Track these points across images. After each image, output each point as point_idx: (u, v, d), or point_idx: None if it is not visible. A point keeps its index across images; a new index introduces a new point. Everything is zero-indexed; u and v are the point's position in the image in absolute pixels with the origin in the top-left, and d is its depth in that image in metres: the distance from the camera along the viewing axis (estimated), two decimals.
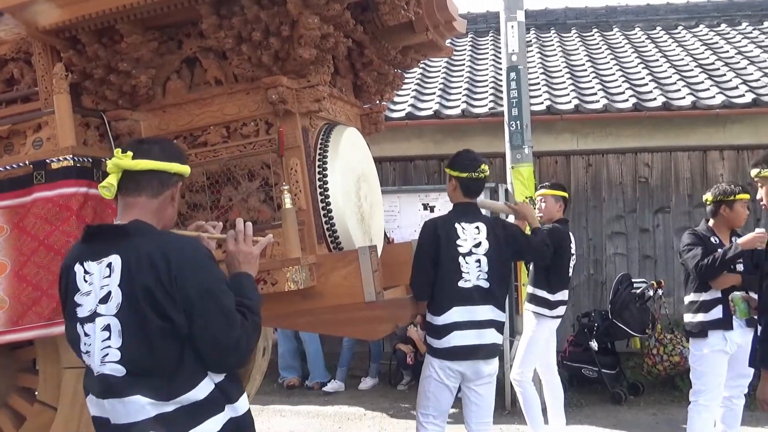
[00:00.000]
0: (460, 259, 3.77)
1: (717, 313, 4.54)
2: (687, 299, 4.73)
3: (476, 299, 3.77)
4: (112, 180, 2.25)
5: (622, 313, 6.78)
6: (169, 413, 2.14)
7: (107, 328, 2.14)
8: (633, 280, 7.10)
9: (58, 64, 3.30)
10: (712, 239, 4.61)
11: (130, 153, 2.26)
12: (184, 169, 2.39)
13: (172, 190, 2.35)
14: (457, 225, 3.83)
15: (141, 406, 2.13)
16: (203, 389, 2.19)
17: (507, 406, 6.67)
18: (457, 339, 3.74)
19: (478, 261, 3.80)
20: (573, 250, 5.42)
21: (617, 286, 7.01)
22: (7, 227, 3.29)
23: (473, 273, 3.78)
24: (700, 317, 4.59)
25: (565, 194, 5.52)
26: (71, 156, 3.22)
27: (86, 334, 2.18)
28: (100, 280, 2.17)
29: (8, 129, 3.46)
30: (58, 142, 3.27)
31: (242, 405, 2.32)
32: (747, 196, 4.62)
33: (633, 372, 7.30)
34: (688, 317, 4.70)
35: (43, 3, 3.12)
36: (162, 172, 2.30)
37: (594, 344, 6.87)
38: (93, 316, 2.16)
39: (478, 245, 3.82)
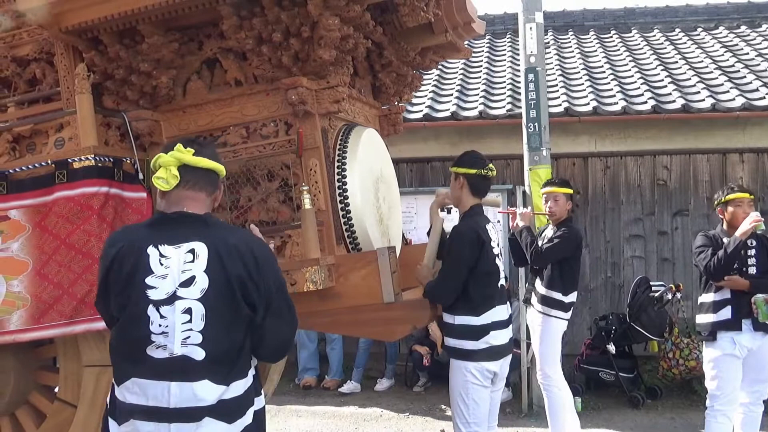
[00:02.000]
0: (496, 260, 3.78)
1: (726, 314, 4.55)
2: (699, 300, 4.76)
3: (503, 298, 3.81)
4: (174, 172, 2.35)
5: (640, 317, 6.74)
6: (226, 401, 2.25)
7: (188, 311, 2.24)
8: (651, 283, 7.05)
9: (80, 65, 3.33)
10: (724, 240, 4.59)
11: (191, 149, 2.38)
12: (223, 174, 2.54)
13: (219, 191, 2.55)
14: (487, 226, 3.79)
15: (207, 392, 2.22)
16: (248, 379, 2.35)
17: (524, 408, 6.64)
18: (494, 338, 3.68)
19: (501, 260, 3.87)
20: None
21: (635, 289, 6.97)
22: (29, 226, 3.32)
23: (500, 272, 3.83)
24: (710, 318, 4.61)
25: (573, 191, 5.47)
26: (93, 156, 3.25)
27: (162, 316, 2.23)
28: (180, 265, 2.26)
29: (30, 129, 3.49)
30: (80, 141, 3.30)
31: (262, 399, 2.45)
32: (741, 195, 4.61)
33: (650, 376, 7.25)
34: (699, 318, 4.73)
35: (66, 4, 3.15)
36: (215, 172, 2.47)
37: (611, 347, 6.82)
38: (172, 299, 2.24)
39: (497, 244, 3.86)
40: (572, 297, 5.23)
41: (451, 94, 8.77)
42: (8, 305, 3.28)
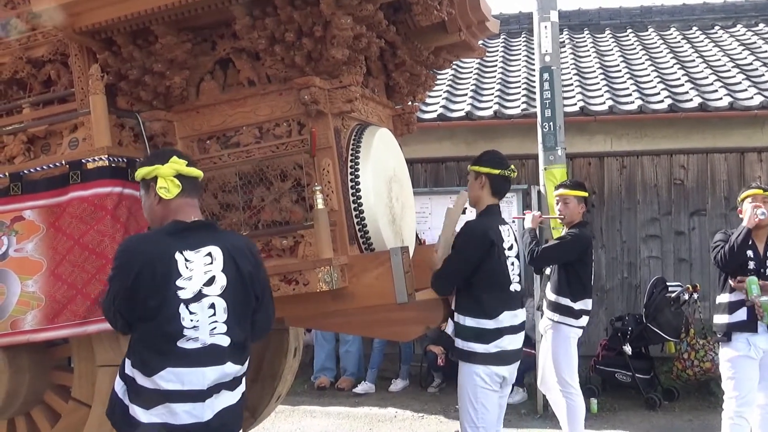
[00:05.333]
0: (507, 262, 3.70)
1: (741, 315, 4.50)
2: (717, 300, 4.71)
3: (516, 303, 3.72)
4: (177, 182, 2.64)
5: (656, 317, 6.67)
6: (238, 377, 2.66)
7: (212, 306, 2.56)
8: (668, 283, 6.99)
9: (94, 66, 3.34)
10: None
11: (184, 161, 2.68)
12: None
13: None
14: (500, 228, 3.72)
15: (230, 372, 2.60)
16: (248, 362, 2.73)
17: (539, 410, 6.60)
18: (505, 343, 3.62)
19: (512, 264, 3.75)
20: (593, 256, 5.22)
21: (652, 290, 6.90)
22: (43, 226, 3.34)
23: (512, 277, 3.73)
24: (725, 319, 4.57)
25: (587, 194, 5.30)
26: (106, 156, 3.26)
27: (192, 312, 2.52)
28: (202, 267, 2.57)
29: (45, 129, 3.51)
30: (94, 142, 3.31)
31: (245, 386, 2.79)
32: (754, 192, 4.54)
33: (667, 377, 7.18)
34: (716, 318, 4.69)
35: (80, 5, 3.17)
36: (199, 179, 2.77)
37: (628, 348, 6.77)
38: (198, 297, 2.54)
39: (511, 248, 3.77)
40: (583, 304, 5.04)
41: (466, 94, 8.74)
42: (23, 305, 3.29)
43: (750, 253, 4.51)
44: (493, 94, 8.68)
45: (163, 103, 3.51)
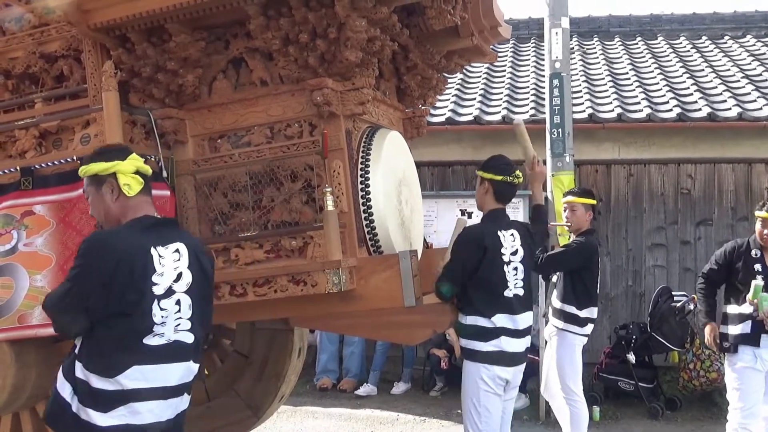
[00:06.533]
0: (504, 268, 3.65)
1: (746, 327, 4.50)
2: (722, 311, 4.73)
3: (516, 308, 3.68)
4: (139, 179, 2.63)
5: (661, 327, 6.67)
6: (196, 376, 2.68)
7: (178, 302, 2.56)
8: (673, 293, 6.98)
9: (108, 62, 3.33)
10: (753, 253, 4.54)
11: (140, 157, 2.69)
12: None
13: None
14: (499, 233, 3.69)
15: (192, 371, 2.63)
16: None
17: (541, 416, 6.59)
18: (503, 343, 3.61)
19: (515, 269, 3.70)
20: (599, 264, 5.21)
21: (657, 299, 6.90)
22: (53, 221, 3.34)
23: (512, 281, 3.67)
24: (731, 330, 4.57)
25: (594, 202, 5.30)
26: None
27: (162, 308, 2.51)
28: (172, 263, 2.57)
29: (57, 125, 3.50)
30: (106, 138, 3.30)
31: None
32: (762, 215, 4.51)
33: (670, 386, 7.18)
34: (721, 329, 4.68)
35: (95, 1, 3.17)
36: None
37: (631, 357, 6.76)
38: (169, 293, 2.54)
39: (515, 253, 3.71)
40: (588, 312, 5.05)
41: (474, 98, 8.75)
42: (31, 300, 3.29)
43: (758, 266, 4.50)
44: (501, 99, 8.68)
45: (175, 101, 3.51)
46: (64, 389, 2.51)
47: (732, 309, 4.58)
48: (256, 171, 3.42)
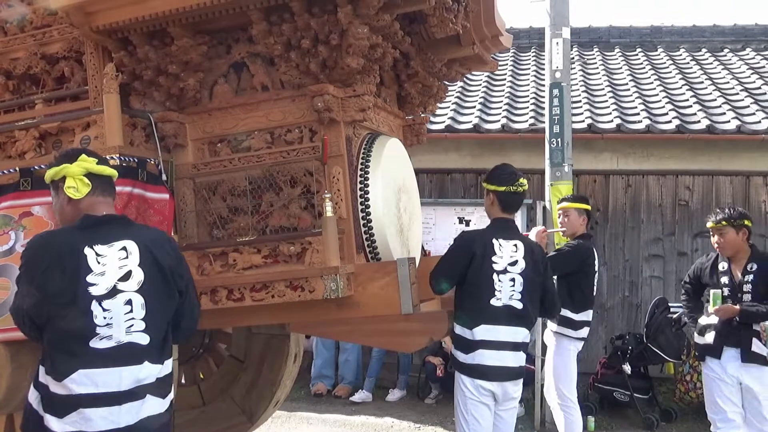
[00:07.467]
0: (494, 276, 3.64)
1: (709, 338, 4.56)
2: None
3: (505, 319, 3.65)
4: (86, 181, 2.59)
5: (657, 338, 6.67)
6: (161, 378, 2.55)
7: (129, 302, 2.48)
8: (670, 304, 6.98)
9: (109, 65, 3.33)
10: (720, 265, 4.62)
11: (94, 159, 2.64)
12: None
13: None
14: (494, 241, 3.70)
15: (149, 372, 2.50)
16: (170, 362, 2.64)
17: (536, 425, 6.59)
18: (483, 357, 3.62)
19: (513, 280, 3.67)
20: (596, 267, 5.26)
21: (653, 310, 6.90)
22: (52, 223, 3.33)
23: (506, 292, 3.65)
24: (699, 340, 4.67)
25: (588, 207, 5.40)
26: (118, 155, 3.25)
27: (105, 309, 2.43)
28: (116, 261, 2.49)
29: (57, 126, 3.49)
30: (106, 141, 3.29)
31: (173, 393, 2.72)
32: (712, 225, 4.60)
33: (666, 398, 7.18)
34: (695, 338, 4.80)
35: (98, 4, 3.18)
36: (112, 178, 2.73)
37: (627, 368, 6.76)
38: (113, 293, 2.46)
39: (514, 263, 3.70)
40: (584, 315, 5.12)
41: (474, 107, 8.76)
42: None
43: (725, 279, 4.52)
44: (501, 107, 8.70)
45: (176, 105, 3.51)
46: (32, 395, 2.51)
47: (702, 320, 4.64)
48: (256, 176, 3.42)
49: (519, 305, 3.67)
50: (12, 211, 3.40)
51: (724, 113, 8.05)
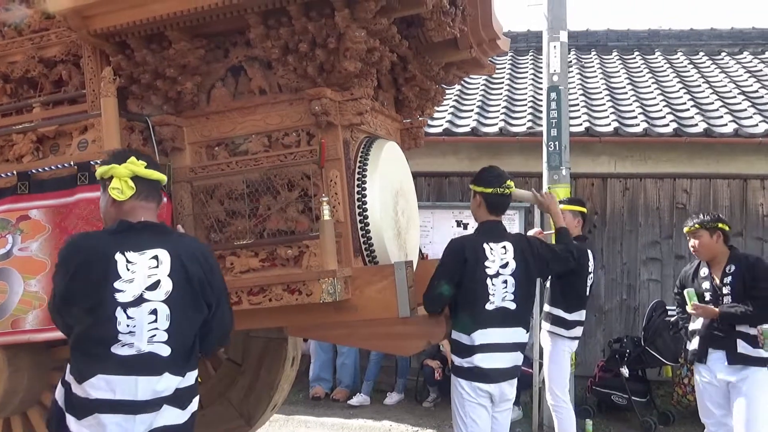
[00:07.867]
0: (488, 281, 3.61)
1: (695, 343, 4.56)
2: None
3: (500, 321, 3.64)
4: (130, 183, 2.56)
5: (655, 341, 6.67)
6: (181, 390, 2.52)
7: (154, 312, 2.45)
8: (667, 307, 6.97)
9: (107, 68, 3.34)
10: (701, 271, 4.61)
11: (143, 162, 2.60)
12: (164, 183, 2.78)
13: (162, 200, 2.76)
14: (485, 245, 3.66)
15: (168, 383, 2.48)
16: (194, 374, 2.63)
17: (535, 429, 6.58)
18: (481, 360, 3.61)
19: (505, 282, 3.65)
20: (591, 269, 5.27)
21: (651, 313, 6.90)
22: (49, 226, 3.34)
23: (499, 294, 3.63)
24: (688, 345, 4.67)
25: (584, 209, 5.43)
26: None
27: (129, 317, 2.41)
28: (146, 270, 2.46)
29: (55, 130, 3.51)
30: (103, 144, 3.30)
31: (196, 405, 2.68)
32: (687, 230, 4.62)
33: (663, 401, 7.17)
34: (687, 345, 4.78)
35: (96, 7, 3.18)
36: (160, 183, 2.70)
37: (625, 371, 6.75)
38: (139, 301, 2.43)
39: (505, 266, 3.66)
40: (577, 315, 5.17)
41: (472, 110, 8.76)
42: (25, 304, 3.29)
43: (706, 284, 4.51)
44: (499, 111, 8.70)
45: (173, 108, 3.51)
46: (59, 392, 2.53)
47: (691, 326, 4.64)
48: (253, 179, 3.42)
49: (512, 306, 3.66)
50: (9, 215, 3.41)
51: (722, 116, 8.06)
